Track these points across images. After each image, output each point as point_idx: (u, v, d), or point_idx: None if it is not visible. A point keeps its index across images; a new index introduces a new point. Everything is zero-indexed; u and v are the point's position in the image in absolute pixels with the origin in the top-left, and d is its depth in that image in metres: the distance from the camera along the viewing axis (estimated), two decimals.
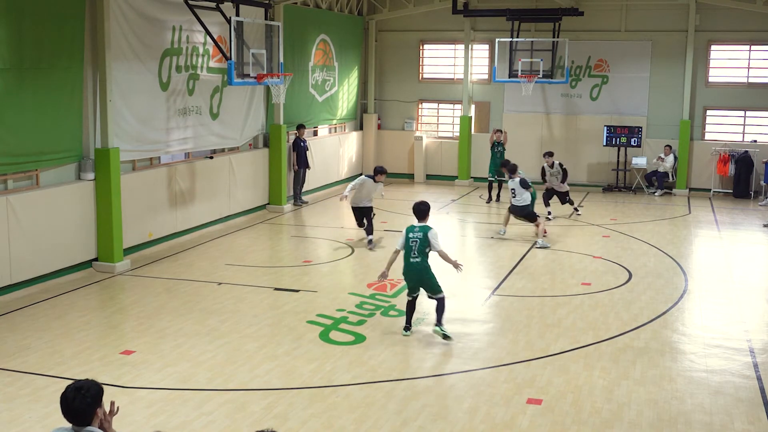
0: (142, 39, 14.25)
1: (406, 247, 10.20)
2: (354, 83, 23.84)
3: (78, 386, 4.57)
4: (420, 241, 10.11)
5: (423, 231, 10.16)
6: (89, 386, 4.58)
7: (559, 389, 8.68)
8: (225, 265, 13.91)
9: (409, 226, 10.31)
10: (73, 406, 4.52)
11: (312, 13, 20.84)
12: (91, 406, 4.56)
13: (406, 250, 10.19)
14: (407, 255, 10.18)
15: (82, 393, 4.53)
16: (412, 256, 10.13)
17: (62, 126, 12.71)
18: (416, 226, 10.25)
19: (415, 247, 10.12)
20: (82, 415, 4.53)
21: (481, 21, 23.40)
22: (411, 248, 10.14)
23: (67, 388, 4.58)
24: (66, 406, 4.53)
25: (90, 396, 4.55)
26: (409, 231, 10.21)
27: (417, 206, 10.47)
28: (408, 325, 10.49)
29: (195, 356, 9.56)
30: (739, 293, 12.60)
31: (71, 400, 4.52)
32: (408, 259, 10.18)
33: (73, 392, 4.54)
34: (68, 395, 4.54)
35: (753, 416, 8.12)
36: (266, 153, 18.99)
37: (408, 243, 10.17)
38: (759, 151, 21.55)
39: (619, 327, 10.82)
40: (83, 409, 4.52)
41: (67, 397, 4.54)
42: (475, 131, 23.95)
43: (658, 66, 22.36)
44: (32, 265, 12.20)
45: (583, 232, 17.21)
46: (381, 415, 8.00)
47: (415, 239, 10.14)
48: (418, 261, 10.13)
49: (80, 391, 4.53)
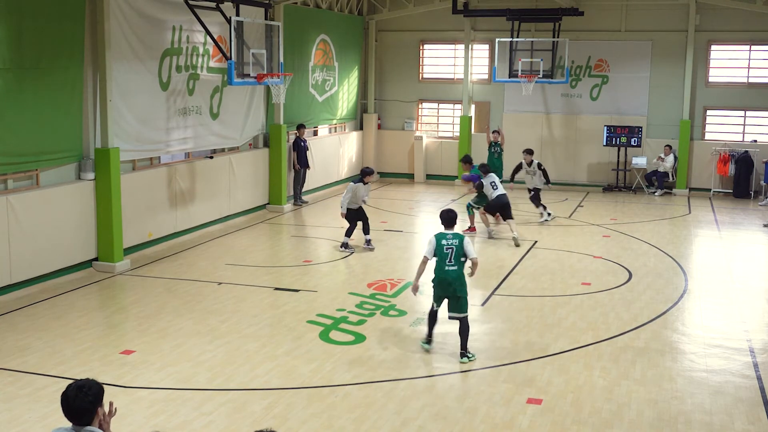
0: (142, 39, 14.25)
1: (440, 255, 9.72)
2: (354, 83, 23.84)
3: (79, 385, 4.56)
4: (456, 248, 9.66)
5: (458, 238, 9.75)
6: (90, 385, 4.57)
7: (559, 389, 8.68)
8: (225, 265, 13.91)
9: (438, 234, 9.79)
10: (75, 406, 4.51)
11: (312, 13, 20.84)
12: (92, 405, 4.55)
13: (440, 258, 9.73)
14: (441, 263, 9.72)
15: (83, 392, 4.52)
16: (449, 263, 9.68)
17: (62, 126, 12.71)
18: (447, 234, 9.77)
19: (451, 255, 9.66)
20: (83, 415, 4.53)
21: (481, 21, 23.40)
22: (446, 256, 9.68)
23: (68, 387, 4.57)
24: (67, 406, 4.52)
25: (91, 395, 4.54)
26: (441, 238, 9.73)
27: (446, 214, 10.02)
28: (430, 337, 10.02)
29: (195, 356, 9.56)
30: (739, 293, 12.59)
31: (72, 400, 4.52)
32: (443, 267, 9.71)
33: (74, 391, 4.52)
34: (69, 394, 4.53)
35: (753, 416, 8.12)
36: (266, 153, 18.99)
37: (442, 251, 9.69)
38: (759, 151, 21.56)
39: (619, 327, 10.82)
40: (84, 409, 4.52)
41: (68, 397, 4.53)
42: (475, 131, 23.95)
43: (658, 66, 22.36)
44: (32, 265, 12.20)
45: (583, 232, 17.21)
46: (381, 415, 8.00)
47: (451, 246, 9.67)
48: (455, 269, 9.69)
49: (81, 390, 4.52)
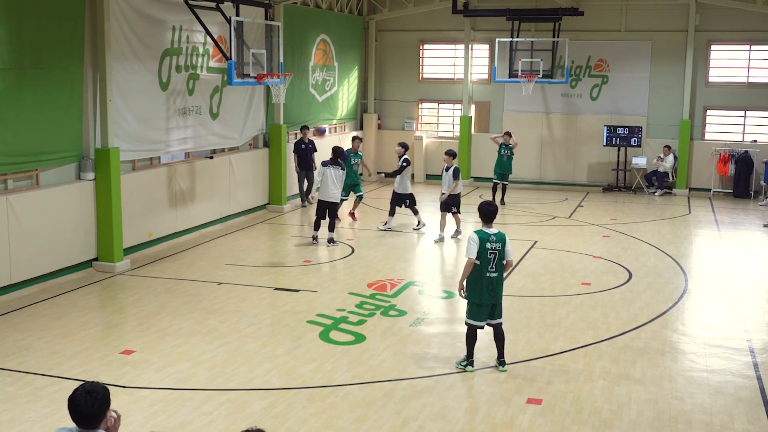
0: (142, 39, 14.25)
1: (483, 259, 8.81)
2: (354, 83, 23.84)
3: (89, 390, 4.45)
4: (499, 252, 8.82)
5: (501, 240, 8.86)
6: (98, 390, 4.48)
7: (559, 389, 8.68)
8: (225, 265, 13.91)
9: (481, 232, 8.88)
10: (85, 410, 4.44)
11: (312, 13, 20.84)
12: (102, 409, 4.48)
13: (484, 262, 8.81)
14: (483, 268, 8.82)
15: (92, 397, 4.42)
16: (490, 270, 8.83)
17: (62, 126, 12.71)
18: (490, 234, 8.84)
19: (494, 260, 8.82)
20: (93, 419, 4.47)
21: (481, 21, 23.40)
22: (489, 261, 8.79)
23: (76, 391, 4.47)
24: (76, 410, 4.45)
25: (100, 399, 4.48)
26: (485, 239, 8.78)
27: (486, 208, 8.99)
28: (472, 358, 9.20)
29: (195, 356, 9.56)
30: (739, 293, 12.59)
31: (83, 405, 4.44)
32: (485, 273, 8.83)
33: (83, 396, 4.43)
34: (79, 399, 4.42)
35: (753, 416, 8.12)
36: (266, 153, 18.99)
37: (486, 255, 8.78)
38: (759, 151, 21.56)
39: (619, 327, 10.82)
40: (94, 413, 4.45)
41: (77, 401, 4.43)
42: (475, 131, 23.96)
43: (658, 66, 22.37)
44: (32, 265, 12.20)
45: (583, 232, 17.21)
46: (381, 415, 8.00)
47: (494, 251, 8.78)
48: (497, 276, 8.91)
49: (91, 395, 4.42)
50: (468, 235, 9.15)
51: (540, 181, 23.54)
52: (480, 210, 9.05)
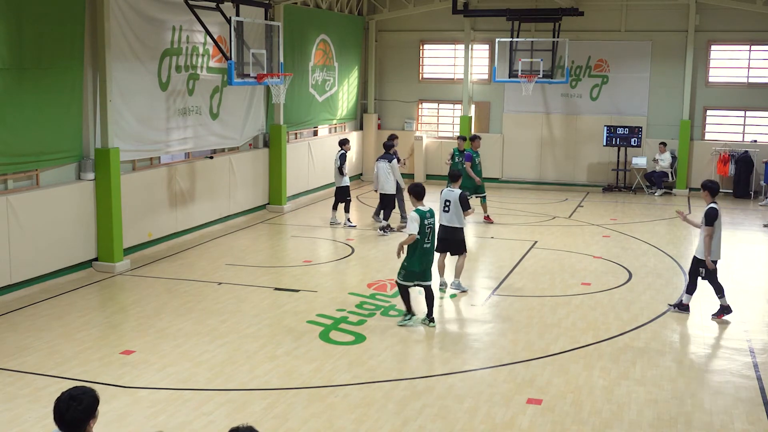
0: (142, 39, 14.25)
1: (422, 233, 10.46)
2: (354, 83, 23.84)
3: (72, 396, 4.42)
4: (433, 227, 10.63)
5: (433, 216, 10.67)
6: (82, 397, 4.42)
7: (559, 389, 8.68)
8: (225, 265, 13.91)
9: (419, 211, 10.54)
10: (66, 417, 4.37)
11: (312, 13, 20.84)
12: (85, 416, 4.41)
13: (422, 236, 10.47)
14: (420, 241, 10.49)
15: (74, 404, 4.38)
16: (426, 242, 10.56)
17: (62, 126, 12.71)
18: (425, 211, 10.58)
19: (429, 234, 10.59)
20: (76, 426, 4.40)
21: (481, 21, 23.40)
22: (426, 234, 10.52)
23: (60, 397, 4.44)
24: (59, 416, 4.40)
25: (82, 408, 4.40)
26: (423, 217, 10.47)
27: (415, 189, 10.82)
28: (412, 310, 10.93)
29: (195, 356, 9.56)
30: (739, 293, 12.59)
31: (64, 411, 4.38)
32: (421, 245, 10.52)
33: (66, 402, 4.39)
34: (61, 405, 4.40)
35: (753, 416, 8.12)
36: (266, 153, 18.99)
37: (424, 229, 10.50)
38: (759, 151, 21.56)
39: (619, 327, 10.82)
40: (75, 421, 4.39)
41: (60, 407, 4.40)
42: (475, 131, 23.95)
43: (658, 66, 22.36)
44: (32, 265, 12.20)
45: (583, 232, 17.21)
46: (381, 415, 8.00)
47: (430, 226, 10.61)
48: (429, 247, 10.68)
49: (73, 402, 4.39)
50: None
51: (540, 181, 23.53)
52: (410, 191, 10.78)
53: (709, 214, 10.90)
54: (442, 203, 12.25)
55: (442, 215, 12.16)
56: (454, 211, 12.12)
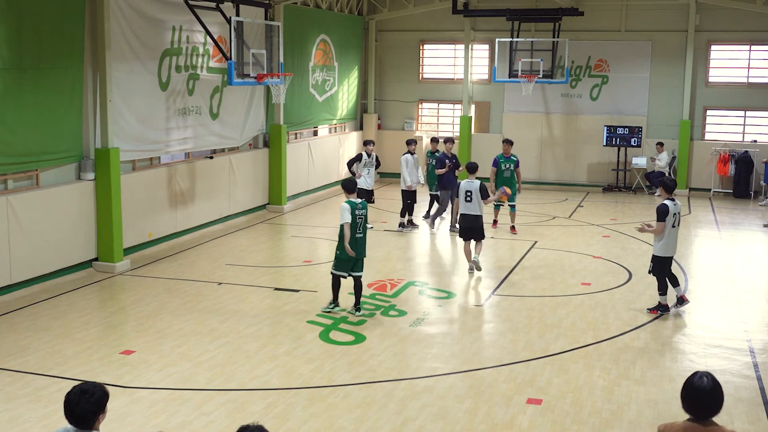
0: (142, 39, 14.25)
1: (353, 223, 10.81)
2: (354, 83, 23.84)
3: (83, 389, 4.45)
4: (364, 217, 10.96)
5: (365, 207, 11.04)
6: (94, 390, 4.47)
7: (559, 389, 8.68)
8: (225, 265, 13.91)
9: (350, 202, 10.82)
10: (77, 410, 4.42)
11: (312, 13, 20.84)
12: (94, 411, 4.44)
13: (353, 225, 10.82)
14: (353, 231, 10.83)
15: (86, 397, 4.42)
16: (358, 232, 10.92)
17: (62, 126, 12.71)
18: (357, 203, 10.88)
19: (361, 224, 10.94)
20: (85, 420, 4.45)
21: (481, 21, 23.40)
22: (357, 224, 10.87)
23: (71, 390, 4.48)
24: (69, 409, 4.44)
25: (94, 400, 4.44)
26: (354, 207, 10.81)
27: (346, 183, 11.16)
28: (338, 301, 11.34)
29: (195, 356, 9.56)
30: (739, 293, 12.59)
31: (75, 404, 4.43)
32: (354, 234, 10.85)
33: (77, 395, 4.43)
34: (72, 398, 4.43)
35: (753, 416, 8.12)
36: (266, 153, 18.98)
37: (355, 219, 10.84)
38: (759, 151, 21.56)
39: (619, 327, 10.82)
40: (85, 414, 4.44)
41: (71, 400, 4.43)
42: (475, 131, 23.96)
43: (658, 66, 22.36)
44: (32, 265, 12.20)
45: (583, 232, 17.21)
46: (381, 415, 8.00)
47: (361, 216, 10.93)
48: (362, 237, 11.02)
49: (85, 395, 4.42)
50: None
51: (540, 181, 23.52)
52: (343, 186, 11.16)
53: (659, 210, 11.23)
54: (463, 194, 13.43)
55: (464, 205, 13.40)
56: (476, 200, 13.34)
